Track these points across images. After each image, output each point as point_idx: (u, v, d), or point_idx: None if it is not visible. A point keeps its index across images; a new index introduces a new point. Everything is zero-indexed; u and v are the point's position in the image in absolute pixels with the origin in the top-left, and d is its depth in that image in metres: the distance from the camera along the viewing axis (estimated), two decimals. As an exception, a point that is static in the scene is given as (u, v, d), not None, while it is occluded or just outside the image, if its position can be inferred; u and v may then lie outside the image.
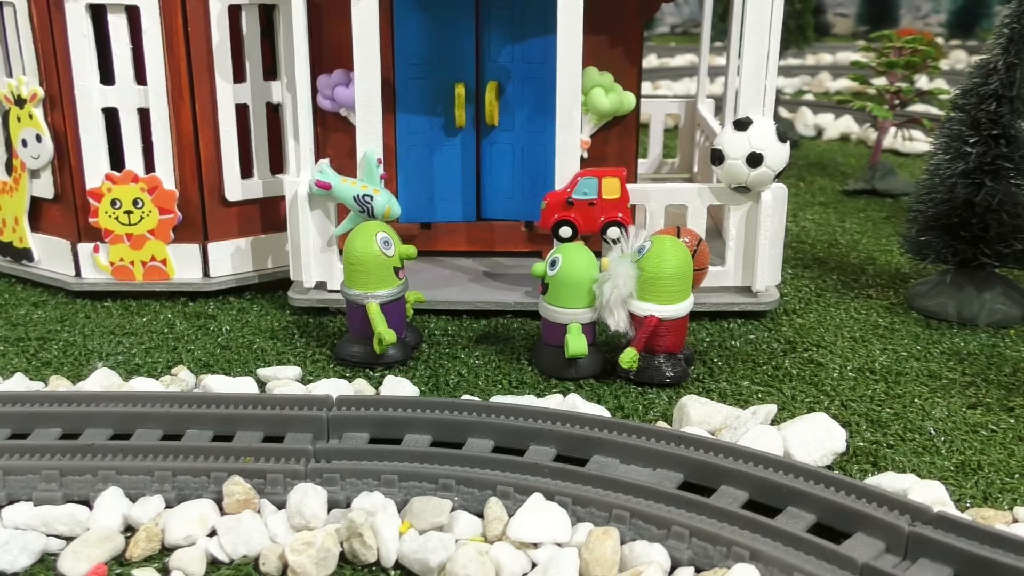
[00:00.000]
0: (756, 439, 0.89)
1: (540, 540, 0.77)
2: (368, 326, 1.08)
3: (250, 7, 1.27)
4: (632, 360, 1.04)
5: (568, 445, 0.88)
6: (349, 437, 0.91)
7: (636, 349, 1.05)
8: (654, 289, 1.04)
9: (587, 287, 1.06)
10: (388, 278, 1.09)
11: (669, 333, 1.05)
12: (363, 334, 1.09)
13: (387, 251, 1.08)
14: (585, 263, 1.06)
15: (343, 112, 1.28)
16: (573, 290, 1.06)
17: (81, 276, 1.32)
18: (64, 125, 1.28)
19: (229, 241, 1.32)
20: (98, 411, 0.92)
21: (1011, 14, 1.19)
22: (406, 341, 1.12)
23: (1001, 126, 1.19)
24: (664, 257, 1.03)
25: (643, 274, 1.04)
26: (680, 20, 4.56)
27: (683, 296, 1.05)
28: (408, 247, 1.11)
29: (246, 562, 0.77)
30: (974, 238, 1.22)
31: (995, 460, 0.92)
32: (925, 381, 1.08)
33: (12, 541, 0.77)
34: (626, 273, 1.04)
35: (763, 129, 1.17)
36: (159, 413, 0.92)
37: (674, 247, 1.05)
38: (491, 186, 1.35)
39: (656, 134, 1.74)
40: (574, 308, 1.06)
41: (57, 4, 1.23)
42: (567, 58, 1.14)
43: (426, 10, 1.28)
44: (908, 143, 2.17)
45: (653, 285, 1.04)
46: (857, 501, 0.77)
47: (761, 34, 1.17)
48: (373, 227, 1.09)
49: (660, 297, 1.04)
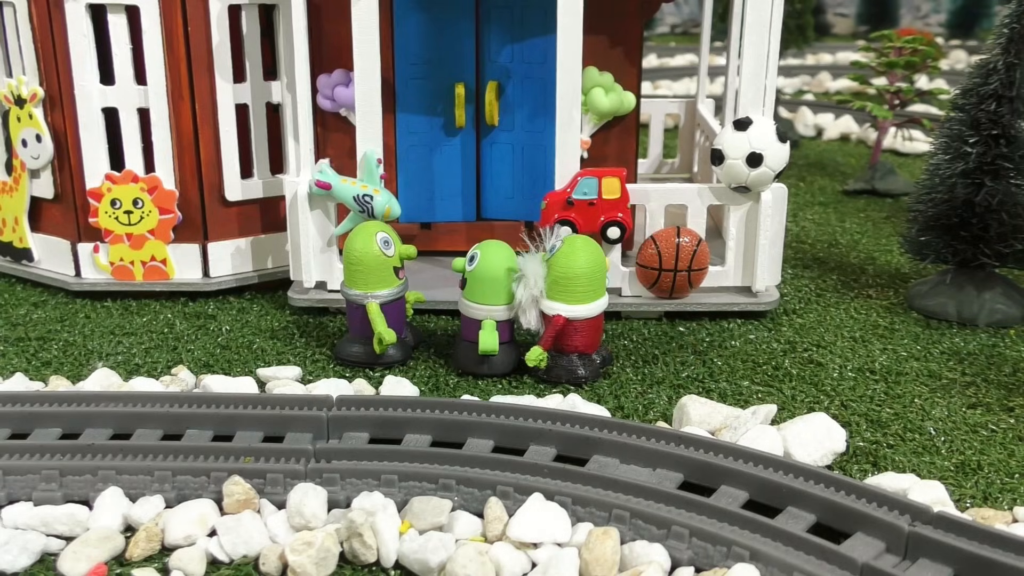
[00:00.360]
0: (756, 439, 0.89)
1: (540, 540, 0.77)
2: (368, 326, 1.08)
3: (250, 7, 1.27)
4: (538, 358, 1.04)
5: (568, 445, 0.88)
6: (349, 437, 0.91)
7: (543, 348, 1.04)
8: (563, 288, 1.03)
9: (504, 284, 1.05)
10: (388, 278, 1.09)
11: (578, 333, 1.04)
12: (363, 334, 1.09)
13: (387, 251, 1.08)
14: (502, 260, 1.06)
15: (343, 112, 1.28)
16: (489, 287, 1.06)
17: (81, 276, 1.32)
18: (64, 125, 1.28)
19: (229, 241, 1.32)
20: (98, 411, 0.92)
21: (1011, 14, 1.19)
22: (406, 341, 1.12)
23: (1001, 126, 1.19)
24: (574, 256, 1.03)
25: (552, 273, 1.03)
26: (680, 20, 4.56)
27: (594, 296, 1.04)
28: (408, 247, 1.11)
29: (246, 562, 0.77)
30: (974, 238, 1.22)
31: (995, 460, 0.92)
32: (925, 381, 1.08)
33: (12, 541, 0.77)
34: (536, 272, 1.04)
35: (763, 129, 1.17)
36: (159, 413, 0.92)
37: (586, 246, 1.04)
38: (491, 186, 1.35)
39: (656, 134, 1.74)
40: (490, 305, 1.06)
41: (57, 4, 1.23)
42: (567, 58, 1.14)
43: (426, 10, 1.28)
44: (908, 143, 2.17)
45: (562, 284, 1.03)
46: (857, 501, 0.77)
47: (761, 34, 1.17)
48: (373, 227, 1.09)
49: (569, 297, 1.03)
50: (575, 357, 1.05)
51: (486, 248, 1.07)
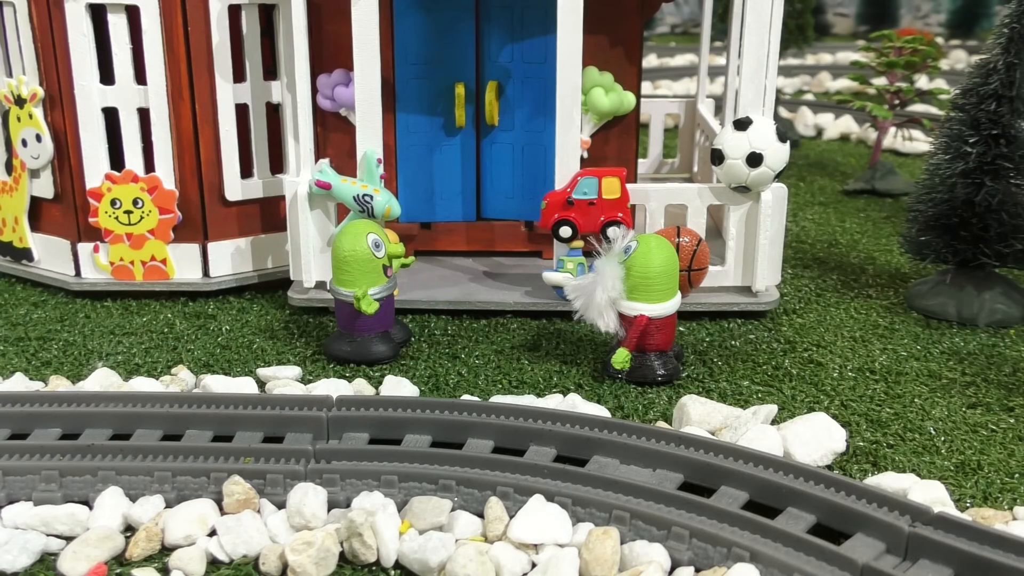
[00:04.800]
0: (756, 439, 0.89)
1: (541, 541, 0.77)
2: (355, 322, 1.08)
3: (250, 7, 1.27)
4: (625, 360, 1.05)
5: (568, 445, 0.88)
6: (349, 437, 0.91)
7: (628, 349, 1.05)
8: (643, 289, 1.04)
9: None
10: (377, 277, 1.09)
11: (659, 331, 1.05)
12: (351, 331, 1.10)
13: (377, 252, 1.09)
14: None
15: (343, 112, 1.28)
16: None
17: (81, 276, 1.32)
18: (64, 125, 1.28)
19: (229, 241, 1.32)
20: (98, 411, 0.92)
21: (1011, 14, 1.19)
22: (394, 338, 1.12)
23: (1001, 126, 1.19)
24: (651, 256, 1.03)
25: (631, 275, 1.04)
26: (680, 20, 4.56)
27: (671, 294, 1.05)
28: (397, 246, 1.11)
29: (246, 562, 0.77)
30: (974, 238, 1.22)
31: (995, 460, 0.92)
32: (925, 381, 1.08)
33: (12, 541, 0.77)
34: (613, 274, 1.04)
35: (763, 129, 1.17)
36: (159, 413, 0.92)
37: (660, 246, 1.05)
38: (491, 186, 1.35)
39: (656, 134, 1.74)
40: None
41: (57, 4, 1.23)
42: (567, 58, 1.14)
43: (426, 10, 1.28)
44: (908, 143, 2.17)
45: (641, 285, 1.04)
46: (857, 502, 0.77)
47: (761, 34, 1.17)
48: (363, 227, 1.10)
49: (649, 296, 1.04)
50: (653, 356, 1.06)
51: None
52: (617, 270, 1.04)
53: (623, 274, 1.04)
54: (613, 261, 1.05)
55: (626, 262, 1.04)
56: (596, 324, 1.05)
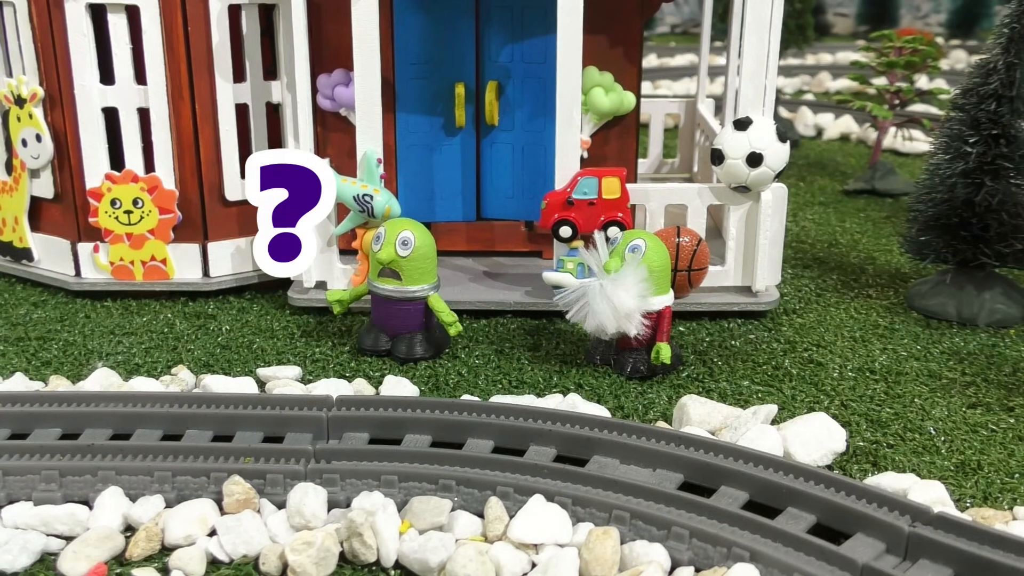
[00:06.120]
0: (756, 439, 0.89)
1: (541, 541, 0.77)
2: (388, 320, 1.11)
3: (250, 7, 1.27)
4: (668, 356, 1.06)
5: (568, 445, 0.88)
6: (349, 437, 0.91)
7: (667, 342, 1.06)
8: (661, 281, 1.06)
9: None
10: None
11: (667, 319, 1.08)
12: (384, 325, 1.12)
13: (402, 251, 1.09)
14: None
15: (343, 112, 1.28)
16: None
17: (81, 276, 1.32)
18: (64, 125, 1.28)
19: (229, 241, 1.32)
20: (98, 411, 0.92)
21: (1011, 14, 1.19)
22: (436, 336, 1.13)
23: (1001, 126, 1.19)
24: (657, 249, 1.06)
25: (651, 272, 1.04)
26: (680, 20, 4.55)
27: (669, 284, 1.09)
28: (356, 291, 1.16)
29: (246, 562, 0.77)
30: (974, 238, 1.22)
31: (995, 460, 0.92)
32: (925, 381, 1.08)
33: (12, 541, 0.77)
34: (637, 278, 1.03)
35: (763, 129, 1.17)
36: (159, 413, 0.92)
37: (652, 237, 1.07)
38: (491, 186, 1.35)
39: (656, 134, 1.74)
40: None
41: (57, 4, 1.23)
42: (567, 58, 1.14)
43: (426, 10, 1.28)
44: (908, 143, 2.17)
45: (659, 279, 1.05)
46: (857, 501, 0.77)
47: (761, 34, 1.17)
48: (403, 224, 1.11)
49: (663, 287, 1.07)
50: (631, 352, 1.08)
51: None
52: (639, 273, 1.04)
53: (645, 275, 1.04)
54: (631, 267, 1.04)
55: (643, 260, 1.04)
56: (627, 331, 1.04)
